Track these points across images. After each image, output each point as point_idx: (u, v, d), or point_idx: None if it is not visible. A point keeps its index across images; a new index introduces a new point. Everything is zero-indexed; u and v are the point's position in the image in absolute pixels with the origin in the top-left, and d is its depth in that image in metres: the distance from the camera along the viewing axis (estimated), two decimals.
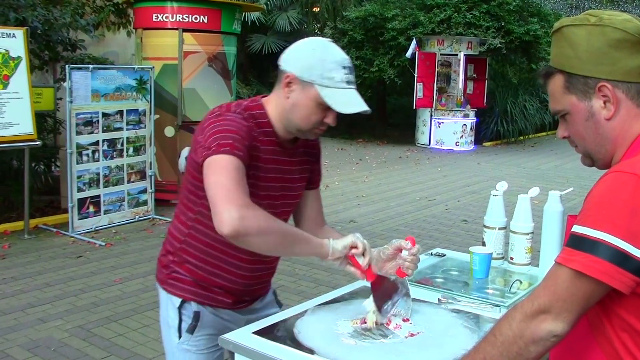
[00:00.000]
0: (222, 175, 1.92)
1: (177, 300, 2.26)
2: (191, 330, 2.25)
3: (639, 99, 1.48)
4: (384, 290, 2.14)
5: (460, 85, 17.18)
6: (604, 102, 1.49)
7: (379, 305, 2.10)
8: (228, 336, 2.04)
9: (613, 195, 1.36)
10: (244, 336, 2.02)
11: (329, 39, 2.16)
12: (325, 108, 2.07)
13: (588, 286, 1.36)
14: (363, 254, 2.07)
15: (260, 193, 2.13)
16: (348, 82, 2.06)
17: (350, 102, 2.06)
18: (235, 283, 2.27)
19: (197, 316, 2.25)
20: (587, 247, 1.35)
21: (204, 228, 2.19)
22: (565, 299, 1.38)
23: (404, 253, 2.18)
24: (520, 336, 1.41)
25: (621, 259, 1.32)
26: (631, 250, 1.32)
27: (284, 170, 2.23)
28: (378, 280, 2.13)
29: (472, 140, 17.21)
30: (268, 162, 2.16)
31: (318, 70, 2.03)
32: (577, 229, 1.39)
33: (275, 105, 2.15)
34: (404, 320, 2.12)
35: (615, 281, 1.33)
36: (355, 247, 2.06)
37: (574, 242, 1.39)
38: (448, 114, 16.94)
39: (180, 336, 2.27)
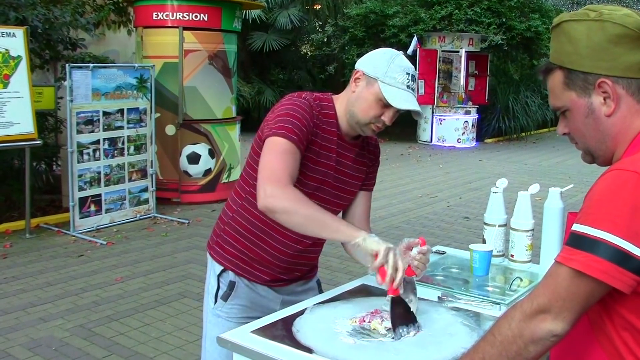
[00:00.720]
0: (272, 156, 2.13)
1: (219, 268, 2.46)
2: (225, 297, 2.44)
3: (639, 95, 1.46)
4: (403, 311, 2.05)
5: (462, 82, 17.16)
6: (604, 99, 1.47)
7: (394, 325, 2.02)
8: (226, 335, 2.03)
9: (614, 194, 1.34)
10: (242, 335, 2.02)
11: (401, 52, 2.34)
12: (384, 105, 2.23)
13: (588, 286, 1.35)
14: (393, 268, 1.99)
15: (314, 176, 2.31)
16: (408, 87, 2.24)
17: (406, 100, 2.22)
18: (276, 259, 2.40)
19: (232, 285, 2.44)
20: (587, 246, 1.34)
21: (251, 207, 2.35)
22: (565, 299, 1.37)
23: (414, 252, 2.20)
24: (520, 336, 1.40)
25: (622, 258, 1.30)
26: (632, 250, 1.30)
27: (341, 162, 2.38)
28: (398, 298, 2.04)
29: (474, 137, 17.19)
30: (326, 150, 2.33)
31: (383, 68, 2.22)
32: (577, 227, 1.37)
33: (343, 100, 2.35)
34: None
35: (616, 281, 1.32)
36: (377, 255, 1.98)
37: (574, 240, 1.37)
38: (450, 111, 16.93)
39: (215, 302, 2.46)
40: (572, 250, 1.36)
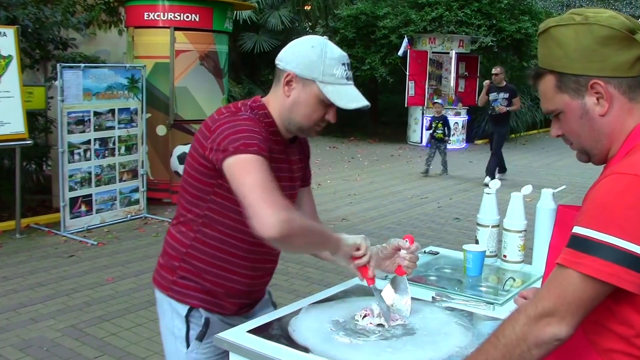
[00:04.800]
0: (256, 175, 1.88)
1: (184, 309, 2.20)
2: (201, 337, 2.19)
3: (630, 93, 1.48)
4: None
5: (452, 83, 17.20)
6: (597, 99, 1.49)
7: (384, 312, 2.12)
8: (223, 335, 2.04)
9: (617, 197, 1.35)
10: (238, 335, 2.02)
11: (325, 36, 2.16)
12: (326, 105, 2.07)
13: (595, 289, 1.35)
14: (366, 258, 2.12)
15: None
16: (347, 78, 2.07)
17: (352, 98, 2.07)
18: (242, 284, 2.22)
19: (207, 322, 2.19)
20: (594, 250, 1.34)
21: (211, 231, 2.15)
22: (570, 302, 1.37)
23: (403, 252, 2.19)
24: (524, 339, 1.40)
25: (630, 260, 1.31)
26: (639, 251, 1.31)
27: (290, 169, 2.25)
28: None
29: (464, 138, 17.25)
30: (278, 162, 2.14)
31: (319, 67, 2.03)
32: (580, 230, 1.37)
33: (276, 105, 2.14)
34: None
35: (627, 283, 1.32)
36: (359, 248, 2.10)
37: (578, 244, 1.37)
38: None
39: (188, 345, 2.20)
40: (577, 253, 1.36)
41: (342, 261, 2.17)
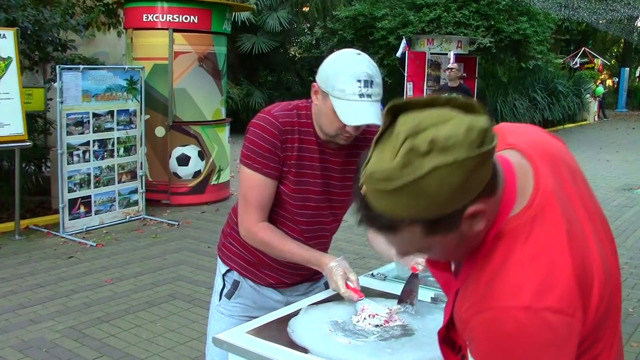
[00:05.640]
0: (244, 189, 2.35)
1: (224, 268, 2.55)
2: (229, 295, 2.53)
3: (488, 191, 1.22)
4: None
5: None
6: (472, 220, 1.22)
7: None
8: (221, 336, 2.05)
9: (499, 351, 1.19)
10: (238, 336, 2.03)
11: (359, 51, 2.22)
12: None
13: None
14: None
15: (299, 187, 2.33)
16: (361, 95, 2.10)
17: (357, 115, 2.12)
18: (279, 263, 2.45)
19: (235, 284, 2.52)
20: None
21: None
22: None
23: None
24: None
25: None
26: None
27: (328, 168, 2.36)
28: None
29: None
30: (309, 160, 2.33)
31: (332, 82, 2.14)
32: None
33: (313, 110, 2.31)
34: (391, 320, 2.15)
35: None
36: (348, 277, 2.30)
37: None
38: None
39: (220, 299, 2.56)
40: None
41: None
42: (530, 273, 1.19)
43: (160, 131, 8.81)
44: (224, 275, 2.55)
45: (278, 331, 2.06)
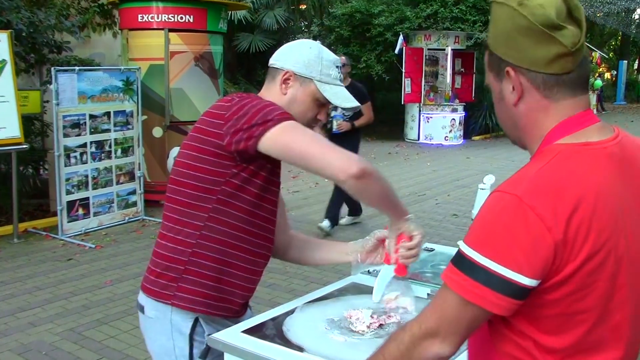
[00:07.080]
0: (312, 134, 1.95)
1: (187, 325, 2.12)
2: (204, 354, 2.10)
3: (545, 90, 1.39)
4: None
5: (448, 79, 17.20)
6: (513, 87, 1.41)
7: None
8: (217, 336, 2.03)
9: (495, 217, 1.31)
10: (233, 335, 2.02)
11: (317, 42, 2.25)
12: (320, 104, 2.15)
13: (472, 311, 1.32)
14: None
15: (274, 189, 2.14)
16: (340, 80, 2.18)
17: (346, 98, 2.16)
18: (246, 280, 2.16)
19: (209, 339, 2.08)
20: (468, 269, 1.31)
21: (219, 225, 2.06)
22: (451, 322, 1.35)
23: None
24: (408, 358, 1.39)
25: (499, 283, 1.27)
26: (509, 275, 1.27)
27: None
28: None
29: (461, 134, 17.24)
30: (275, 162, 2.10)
31: (317, 66, 2.12)
32: (462, 246, 1.34)
33: (277, 101, 2.10)
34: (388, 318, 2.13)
35: (494, 306, 1.29)
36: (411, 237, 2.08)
37: (458, 260, 1.34)
38: (436, 109, 16.97)
39: None
40: (457, 271, 1.33)
41: (354, 255, 2.22)
42: (530, 175, 1.33)
43: (157, 131, 8.79)
44: (191, 334, 2.12)
45: (273, 330, 2.05)
